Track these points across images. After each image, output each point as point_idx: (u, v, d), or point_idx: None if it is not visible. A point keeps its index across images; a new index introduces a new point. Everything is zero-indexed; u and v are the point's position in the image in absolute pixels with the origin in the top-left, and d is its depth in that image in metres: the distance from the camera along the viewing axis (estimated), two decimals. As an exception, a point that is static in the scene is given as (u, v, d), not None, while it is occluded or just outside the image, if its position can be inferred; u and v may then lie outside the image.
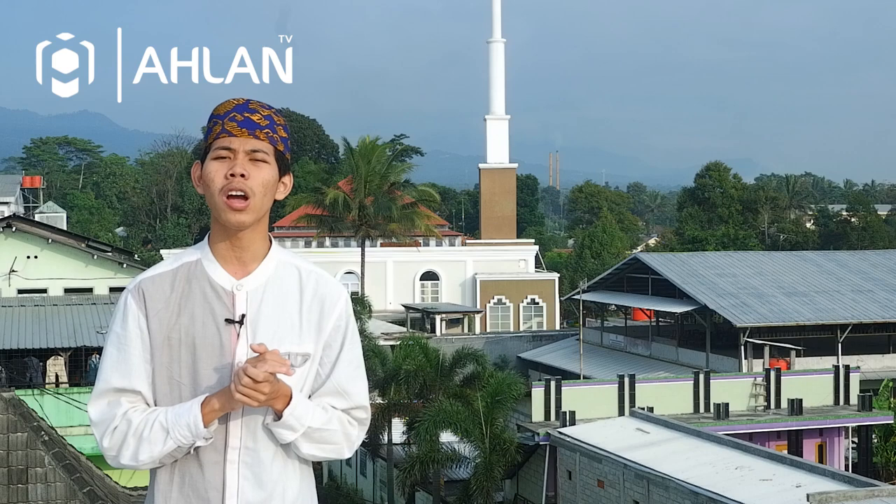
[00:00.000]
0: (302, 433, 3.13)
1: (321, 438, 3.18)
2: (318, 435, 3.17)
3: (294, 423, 3.11)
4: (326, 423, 3.18)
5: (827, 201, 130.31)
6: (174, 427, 3.05)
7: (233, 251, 3.18)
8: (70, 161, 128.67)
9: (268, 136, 3.14)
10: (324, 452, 3.22)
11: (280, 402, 3.07)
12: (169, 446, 3.06)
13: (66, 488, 14.16)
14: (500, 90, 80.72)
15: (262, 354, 3.00)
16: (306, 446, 3.17)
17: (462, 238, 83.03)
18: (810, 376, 39.98)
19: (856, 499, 22.44)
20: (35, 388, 28.93)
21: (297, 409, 3.10)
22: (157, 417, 3.08)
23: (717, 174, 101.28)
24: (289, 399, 3.08)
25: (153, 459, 3.09)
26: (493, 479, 31.96)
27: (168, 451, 3.07)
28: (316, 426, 3.15)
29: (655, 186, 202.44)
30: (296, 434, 3.13)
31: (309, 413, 3.14)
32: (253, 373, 2.96)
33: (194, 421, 3.03)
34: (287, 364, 3.02)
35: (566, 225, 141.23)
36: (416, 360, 35.56)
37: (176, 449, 3.07)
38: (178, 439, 3.05)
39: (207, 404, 3.05)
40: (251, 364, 2.98)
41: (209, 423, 3.05)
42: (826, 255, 60.65)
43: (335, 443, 3.22)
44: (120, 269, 38.84)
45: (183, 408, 3.07)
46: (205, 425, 3.04)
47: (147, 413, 3.11)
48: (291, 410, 3.08)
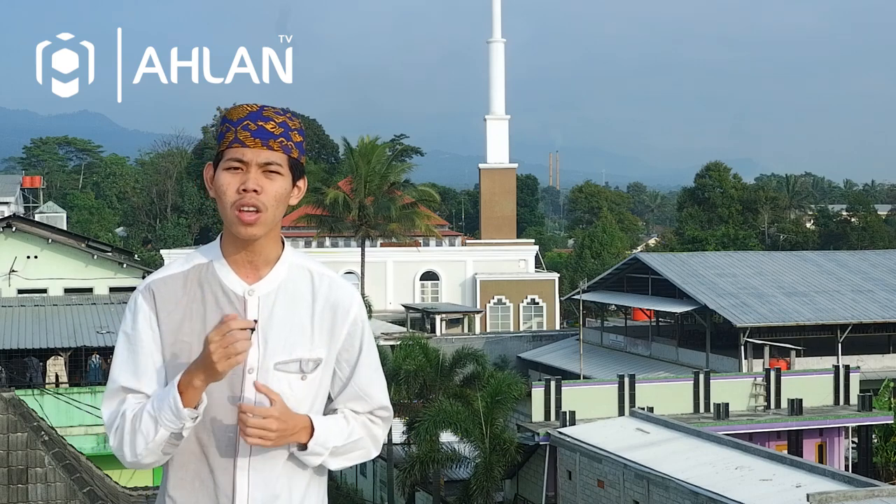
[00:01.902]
0: (328, 454, 3.15)
1: (347, 451, 3.20)
2: (345, 449, 3.19)
3: (319, 449, 3.12)
4: (350, 435, 3.19)
5: (827, 201, 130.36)
6: (159, 413, 2.99)
7: (245, 256, 3.16)
8: (70, 161, 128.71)
9: (282, 146, 3.09)
10: (352, 461, 3.24)
11: (303, 434, 3.08)
12: (161, 434, 3.00)
13: (66, 488, 14.16)
14: (500, 90, 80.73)
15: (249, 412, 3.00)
16: (335, 462, 3.19)
17: (462, 238, 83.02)
18: (810, 376, 39.98)
19: (856, 499, 22.44)
20: (35, 388, 28.93)
21: (321, 436, 3.10)
22: (145, 407, 3.04)
23: (717, 174, 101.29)
24: (310, 430, 3.09)
25: (150, 451, 3.04)
26: (493, 479, 31.96)
27: (163, 440, 3.01)
28: (341, 443, 3.17)
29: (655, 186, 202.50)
30: (322, 457, 3.14)
31: (332, 435, 3.14)
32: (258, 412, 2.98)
33: (174, 403, 2.97)
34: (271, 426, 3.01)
35: (566, 225, 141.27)
36: (416, 360, 35.56)
37: (171, 436, 3.02)
38: (166, 425, 2.99)
39: (186, 382, 2.98)
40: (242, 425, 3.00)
41: (194, 401, 2.99)
42: (826, 255, 60.65)
43: (362, 448, 3.24)
44: (120, 269, 38.86)
45: (163, 391, 3.03)
46: (188, 405, 2.97)
47: (139, 405, 3.07)
48: (316, 440, 3.09)
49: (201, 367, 2.95)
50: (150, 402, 3.05)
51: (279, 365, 3.12)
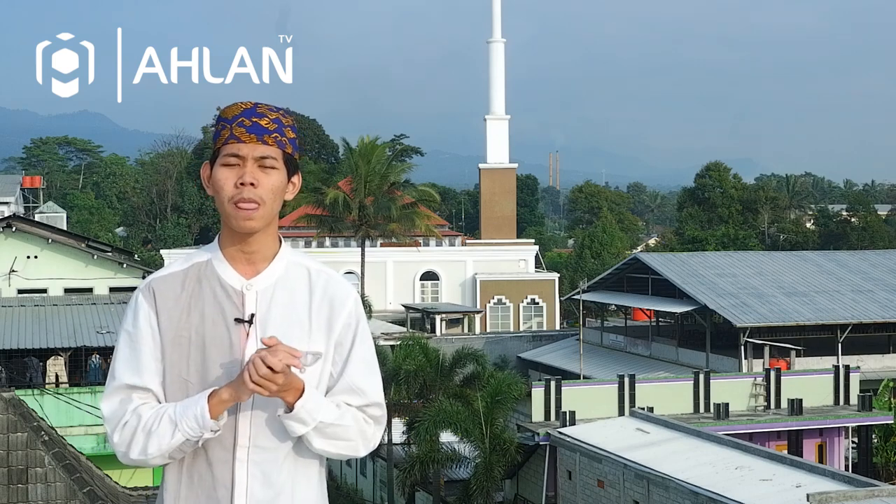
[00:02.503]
0: (313, 427, 3.13)
1: (334, 434, 3.18)
2: (331, 430, 3.17)
3: (305, 416, 3.10)
4: (339, 418, 3.18)
5: (827, 201, 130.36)
6: (182, 419, 3.05)
7: (243, 252, 3.21)
8: (70, 161, 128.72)
9: (276, 141, 3.16)
10: (337, 449, 3.21)
11: (291, 394, 3.07)
12: (177, 439, 3.06)
13: (66, 488, 14.15)
14: (500, 90, 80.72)
15: (274, 347, 3.00)
16: (318, 441, 3.17)
17: (462, 238, 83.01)
18: (810, 376, 39.98)
19: (856, 499, 22.43)
20: (35, 388, 28.93)
21: (309, 402, 3.10)
22: (165, 411, 3.10)
23: (717, 174, 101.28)
24: (300, 392, 3.08)
25: (161, 453, 3.09)
26: (493, 479, 31.96)
27: (176, 445, 3.08)
28: (328, 421, 3.15)
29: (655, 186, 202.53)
30: (307, 427, 3.12)
31: (321, 408, 3.14)
32: (271, 361, 2.96)
33: (201, 413, 3.04)
34: (299, 355, 3.02)
35: (566, 225, 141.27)
36: (416, 360, 35.54)
37: (184, 442, 3.07)
38: (185, 432, 3.05)
39: (215, 396, 3.06)
40: (268, 354, 2.99)
41: (217, 415, 3.05)
42: (826, 255, 60.65)
43: (349, 439, 3.22)
44: (120, 269, 38.86)
45: (191, 400, 3.09)
46: (212, 417, 3.04)
47: (157, 408, 3.13)
48: (303, 403, 3.08)
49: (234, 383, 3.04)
50: (171, 406, 3.10)
51: None
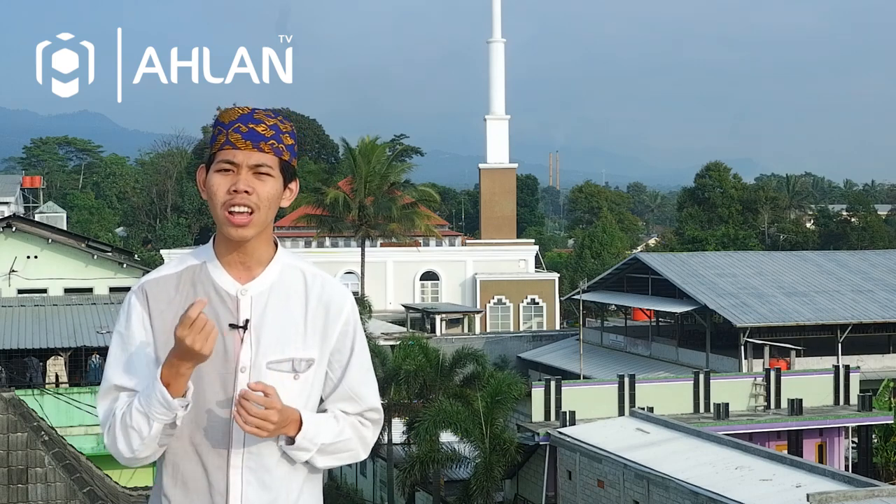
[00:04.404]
0: (316, 451, 3.15)
1: (335, 450, 3.20)
2: (333, 448, 3.19)
3: (307, 444, 3.12)
4: (339, 434, 3.20)
5: (827, 201, 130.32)
6: (149, 409, 3.00)
7: (237, 256, 3.18)
8: (70, 161, 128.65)
9: (273, 148, 3.11)
10: (340, 461, 3.24)
11: (292, 427, 3.07)
12: (156, 428, 3.02)
13: (66, 488, 14.15)
14: (500, 90, 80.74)
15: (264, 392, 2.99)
16: (322, 460, 3.19)
17: (462, 238, 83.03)
18: (810, 376, 39.98)
19: (856, 499, 22.44)
20: (35, 388, 28.91)
21: (310, 431, 3.10)
22: (133, 404, 3.05)
23: (717, 174, 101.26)
24: (299, 424, 3.08)
25: (146, 446, 3.06)
26: (493, 479, 31.95)
27: (157, 433, 3.03)
28: (329, 441, 3.16)
29: (655, 186, 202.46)
30: (310, 453, 3.14)
31: (321, 431, 3.14)
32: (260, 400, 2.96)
33: (161, 395, 2.98)
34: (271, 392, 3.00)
35: (566, 225, 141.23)
36: (416, 360, 35.55)
37: (165, 427, 3.03)
38: (157, 418, 3.00)
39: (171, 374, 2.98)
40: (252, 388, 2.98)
41: (181, 390, 2.99)
42: (826, 255, 60.65)
43: (350, 450, 3.25)
44: (120, 269, 38.85)
45: (148, 387, 3.03)
46: (176, 395, 2.98)
47: (126, 403, 3.08)
48: (304, 434, 3.09)
49: (184, 356, 2.95)
50: (136, 399, 3.05)
51: (271, 364, 3.14)
